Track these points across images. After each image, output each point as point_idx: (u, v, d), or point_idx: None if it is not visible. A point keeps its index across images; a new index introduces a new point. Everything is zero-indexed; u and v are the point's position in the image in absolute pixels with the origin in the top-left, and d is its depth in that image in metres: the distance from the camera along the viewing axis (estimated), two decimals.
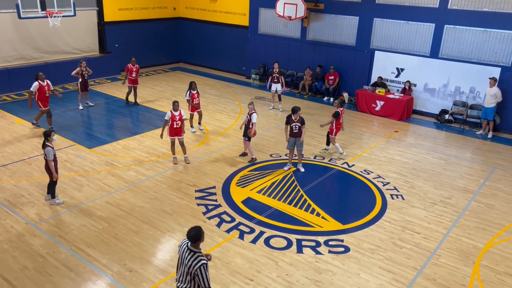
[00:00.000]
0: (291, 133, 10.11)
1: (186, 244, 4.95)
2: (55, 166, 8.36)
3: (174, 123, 10.22)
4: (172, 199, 8.95)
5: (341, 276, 6.83)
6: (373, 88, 15.54)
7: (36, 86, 11.87)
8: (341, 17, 16.60)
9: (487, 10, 13.58)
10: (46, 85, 12.07)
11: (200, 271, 4.74)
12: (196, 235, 4.84)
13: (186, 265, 4.87)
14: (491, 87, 13.14)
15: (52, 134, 8.33)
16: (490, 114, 13.31)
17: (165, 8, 21.34)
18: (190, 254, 4.86)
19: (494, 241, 7.98)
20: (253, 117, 10.49)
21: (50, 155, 8.13)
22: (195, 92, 12.27)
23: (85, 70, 14.16)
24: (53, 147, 8.28)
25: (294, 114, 10.02)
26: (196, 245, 4.89)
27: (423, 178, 10.41)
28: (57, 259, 6.98)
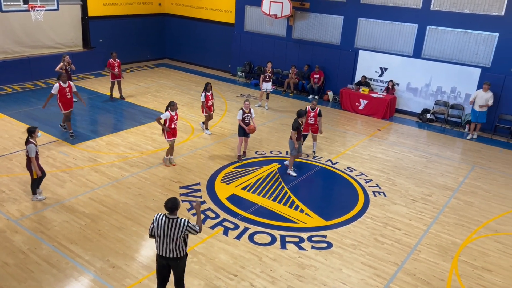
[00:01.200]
0: (299, 136, 10.04)
1: (163, 216, 5.45)
2: (37, 163, 8.26)
3: (172, 124, 9.95)
4: (156, 196, 8.93)
5: (324, 271, 6.93)
6: (357, 87, 15.72)
7: (57, 87, 11.16)
8: (326, 16, 16.73)
9: (468, 12, 13.86)
10: (68, 87, 11.37)
11: (189, 228, 5.41)
12: (173, 205, 5.38)
13: (170, 233, 5.39)
14: (485, 91, 13.12)
15: (37, 131, 8.23)
16: (482, 117, 13.35)
17: (151, 3, 21.19)
18: (171, 222, 5.40)
19: (473, 237, 8.19)
20: (253, 113, 10.58)
21: (32, 152, 8.02)
22: (209, 93, 11.90)
23: (68, 65, 13.95)
24: (36, 144, 8.16)
25: (300, 118, 9.93)
26: (174, 214, 5.43)
27: (405, 176, 10.59)
28: (38, 255, 6.91)
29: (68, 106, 11.45)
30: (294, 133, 9.82)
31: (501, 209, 9.31)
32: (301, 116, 9.93)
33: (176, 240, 5.43)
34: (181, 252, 5.54)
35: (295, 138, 9.83)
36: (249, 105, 10.52)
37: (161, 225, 5.43)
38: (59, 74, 11.45)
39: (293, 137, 9.82)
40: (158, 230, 5.45)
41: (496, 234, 8.33)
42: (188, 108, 14.60)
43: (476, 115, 13.43)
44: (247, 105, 10.49)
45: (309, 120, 11.07)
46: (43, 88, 16.20)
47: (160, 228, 5.43)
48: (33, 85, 16.46)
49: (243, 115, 10.48)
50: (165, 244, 5.46)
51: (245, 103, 10.54)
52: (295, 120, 9.89)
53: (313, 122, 11.12)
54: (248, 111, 10.49)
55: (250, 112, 10.53)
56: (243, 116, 10.48)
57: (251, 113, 10.56)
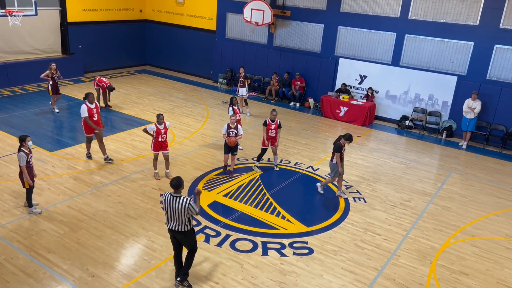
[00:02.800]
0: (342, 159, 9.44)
1: (169, 194, 6.15)
2: (30, 172, 8.03)
3: (159, 137, 9.62)
4: (137, 203, 8.84)
5: (305, 277, 6.96)
6: (337, 94, 15.91)
7: (85, 110, 10.12)
8: (307, 24, 16.93)
9: (445, 21, 14.23)
10: (95, 107, 10.34)
11: (190, 206, 6.05)
12: (177, 183, 6.06)
13: (175, 209, 6.07)
14: (473, 100, 13.36)
15: (28, 139, 7.97)
16: (472, 125, 13.54)
17: (131, 10, 21.07)
18: (176, 199, 6.07)
19: (450, 241, 8.35)
20: (240, 129, 10.09)
21: (22, 160, 7.79)
22: (236, 107, 11.56)
23: (55, 73, 13.65)
24: (28, 153, 7.94)
25: (348, 141, 9.40)
26: (179, 191, 6.11)
27: (384, 182, 10.75)
28: (15, 265, 6.75)
29: (92, 129, 10.36)
30: (338, 156, 9.29)
31: (477, 214, 9.53)
32: (349, 140, 9.39)
33: (180, 216, 6.08)
34: (186, 227, 6.17)
35: (339, 160, 9.31)
36: (235, 120, 10.06)
37: (167, 202, 6.11)
38: (87, 94, 10.28)
39: (337, 160, 9.31)
40: (165, 207, 6.17)
41: (472, 239, 8.51)
42: (169, 115, 14.52)
43: (467, 123, 13.61)
44: (232, 120, 10.01)
45: (270, 133, 10.43)
46: (20, 94, 15.90)
47: (167, 205, 6.13)
48: (10, 91, 16.14)
49: (227, 130, 10.01)
50: (170, 219, 6.17)
51: (231, 118, 10.07)
52: (338, 143, 9.33)
53: (274, 134, 10.50)
54: (234, 126, 10.01)
55: (236, 128, 10.04)
56: (228, 131, 10.00)
57: (237, 129, 10.05)
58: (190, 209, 6.05)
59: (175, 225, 6.16)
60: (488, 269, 7.59)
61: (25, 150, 7.89)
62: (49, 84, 13.71)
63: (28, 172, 7.96)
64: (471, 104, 13.40)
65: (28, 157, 7.96)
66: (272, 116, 10.44)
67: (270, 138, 10.55)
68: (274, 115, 10.44)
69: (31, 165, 8.09)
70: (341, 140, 9.42)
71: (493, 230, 8.90)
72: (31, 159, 8.09)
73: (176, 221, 6.14)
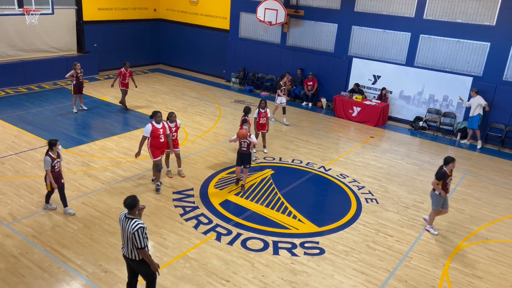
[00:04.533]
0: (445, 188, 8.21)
1: (124, 214, 5.50)
2: (56, 177, 7.94)
3: (171, 135, 9.48)
4: (149, 201, 8.92)
5: (316, 277, 6.96)
6: (350, 94, 15.84)
7: (149, 129, 8.89)
8: (320, 23, 16.88)
9: (460, 22, 14.06)
10: (162, 128, 9.04)
11: (136, 233, 5.29)
12: (132, 202, 5.40)
13: (126, 232, 5.40)
14: (474, 97, 13.49)
15: (58, 144, 7.86)
16: (475, 123, 13.56)
17: (146, 9, 21.24)
18: (128, 221, 5.39)
19: (463, 244, 8.26)
20: (253, 138, 9.46)
21: (46, 165, 7.73)
22: (263, 110, 11.36)
23: (80, 72, 13.72)
24: (54, 157, 7.82)
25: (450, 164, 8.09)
26: (133, 212, 5.44)
27: (397, 183, 10.67)
28: (30, 259, 6.87)
29: (159, 153, 9.16)
30: (439, 184, 8.17)
31: (492, 216, 9.40)
32: (450, 162, 8.08)
33: (128, 241, 5.42)
34: (136, 256, 5.47)
35: (441, 189, 8.13)
36: (247, 129, 9.34)
37: (121, 223, 5.52)
38: (154, 113, 9.07)
39: (437, 188, 8.15)
40: (121, 227, 5.56)
41: (486, 242, 8.41)
42: (181, 114, 14.61)
43: (472, 121, 13.66)
44: (246, 129, 9.35)
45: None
46: (36, 91, 16.16)
47: (121, 226, 5.53)
48: (26, 89, 16.41)
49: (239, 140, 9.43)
50: (124, 243, 5.53)
51: (243, 127, 9.43)
52: (442, 170, 8.11)
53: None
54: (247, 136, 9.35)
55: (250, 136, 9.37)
56: (239, 142, 9.40)
57: (249, 139, 9.37)
58: (135, 238, 5.28)
59: (126, 250, 5.50)
60: (502, 272, 7.49)
61: (52, 154, 7.78)
62: (72, 84, 13.75)
63: (53, 176, 7.89)
64: (476, 102, 13.43)
65: (54, 161, 7.83)
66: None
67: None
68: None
69: (56, 170, 7.94)
70: (446, 167, 8.09)
71: (508, 233, 8.78)
72: (57, 164, 7.93)
73: (126, 246, 5.48)
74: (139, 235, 5.29)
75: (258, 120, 11.40)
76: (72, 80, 13.70)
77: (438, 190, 8.18)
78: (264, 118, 11.41)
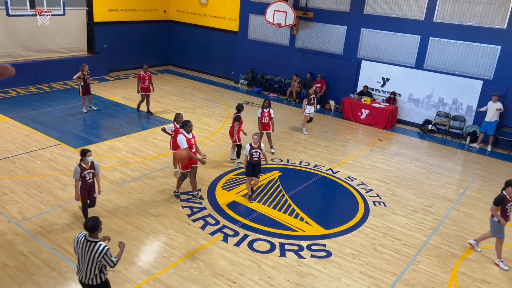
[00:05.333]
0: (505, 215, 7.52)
1: (83, 236, 5.12)
2: (86, 187, 7.65)
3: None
4: (157, 201, 8.97)
5: (323, 280, 6.94)
6: (359, 97, 15.79)
7: (184, 141, 8.45)
8: (329, 26, 16.85)
9: (471, 25, 13.96)
10: (193, 138, 8.76)
11: (106, 256, 5.01)
12: (93, 225, 5.05)
13: (87, 257, 5.04)
14: (494, 102, 13.23)
15: (88, 154, 7.53)
16: (491, 128, 13.41)
17: (156, 10, 21.37)
18: (90, 245, 5.03)
19: (472, 249, 8.18)
20: (262, 147, 9.13)
21: (75, 174, 7.50)
22: (267, 110, 11.46)
23: (87, 74, 13.78)
24: (86, 168, 7.56)
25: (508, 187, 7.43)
26: (94, 235, 5.09)
27: (405, 186, 10.61)
28: (39, 258, 6.94)
29: (189, 164, 8.74)
30: (497, 210, 7.52)
31: None
32: (510, 186, 7.39)
33: (90, 266, 5.06)
34: (96, 280, 5.15)
35: (500, 216, 7.46)
36: (258, 139, 9.02)
37: (79, 246, 5.10)
38: (184, 122, 8.76)
39: (495, 214, 7.51)
40: (76, 251, 5.16)
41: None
42: (190, 115, 14.67)
43: (485, 125, 13.49)
44: (255, 139, 8.96)
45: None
46: (47, 92, 16.33)
47: (78, 250, 5.11)
48: (37, 88, 16.59)
49: (250, 150, 8.99)
50: (81, 268, 5.15)
51: (253, 136, 9.01)
52: (501, 194, 7.52)
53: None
54: (257, 146, 8.99)
55: (260, 147, 9.05)
56: (251, 152, 9.00)
57: (260, 148, 9.07)
58: (105, 261, 5.02)
59: (83, 276, 5.14)
60: (511, 278, 7.41)
61: (83, 164, 7.56)
62: (80, 85, 13.83)
63: (83, 187, 7.63)
64: (492, 106, 13.24)
65: (84, 172, 7.56)
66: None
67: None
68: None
69: (87, 181, 7.64)
70: (505, 190, 7.47)
71: None
72: (87, 175, 7.63)
73: (84, 271, 5.10)
74: (108, 257, 5.03)
75: (261, 120, 11.58)
76: (80, 81, 13.80)
77: (496, 217, 7.50)
78: (267, 118, 11.54)
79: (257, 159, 9.05)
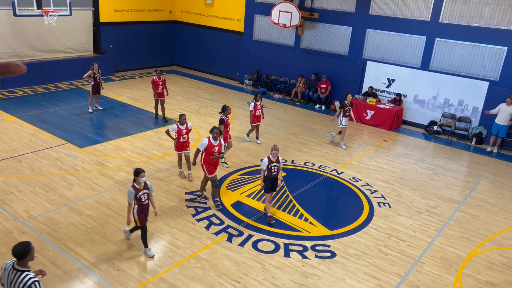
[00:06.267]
0: None
1: (11, 264, 4.47)
2: (144, 210, 6.99)
3: (181, 137, 9.62)
4: (162, 201, 9.00)
5: (327, 281, 6.94)
6: (364, 98, 15.76)
7: (205, 144, 8.50)
8: (334, 26, 16.84)
9: (477, 25, 13.90)
10: (218, 145, 8.63)
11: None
12: (22, 251, 4.37)
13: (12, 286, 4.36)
14: (508, 105, 12.94)
15: (142, 175, 6.87)
16: (503, 132, 13.14)
17: (161, 11, 21.44)
18: (16, 274, 4.36)
19: (477, 250, 8.15)
20: (281, 162, 8.45)
21: (128, 197, 6.87)
22: (258, 103, 12.02)
23: (97, 73, 13.82)
24: (140, 188, 6.90)
25: None
26: (23, 263, 4.41)
27: (410, 187, 10.58)
28: (45, 256, 6.99)
29: (213, 169, 8.67)
30: None
31: (507, 223, 9.27)
32: None
33: None
34: None
35: None
36: (277, 153, 8.32)
37: (5, 274, 4.44)
38: (212, 129, 8.60)
39: None
40: (2, 281, 4.48)
41: (501, 249, 8.29)
42: (195, 115, 14.71)
43: (498, 128, 13.23)
44: (275, 153, 8.22)
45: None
46: (53, 91, 16.43)
47: (4, 279, 4.44)
48: (43, 88, 16.69)
49: (269, 164, 8.24)
50: None
51: (272, 151, 8.23)
52: None
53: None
54: (275, 159, 8.28)
55: (278, 161, 8.37)
56: (269, 166, 8.24)
57: (279, 162, 8.39)
58: None
59: None
60: None
61: (136, 185, 6.88)
62: (90, 85, 13.87)
63: (140, 210, 6.96)
64: (508, 111, 12.97)
65: (139, 193, 6.88)
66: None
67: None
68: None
69: (143, 203, 6.95)
70: None
71: None
72: (143, 196, 6.93)
73: None
74: None
75: (254, 113, 12.07)
76: (90, 80, 13.86)
77: None
78: (260, 110, 12.17)
79: (275, 174, 8.34)
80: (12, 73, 1.63)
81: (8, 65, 1.63)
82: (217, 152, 8.66)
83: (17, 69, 1.65)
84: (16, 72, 1.64)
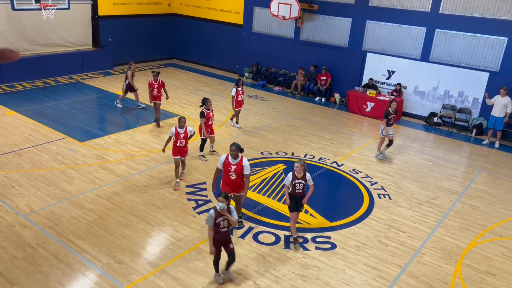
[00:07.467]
0: None
1: None
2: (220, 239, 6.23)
3: (178, 141, 9.03)
4: (163, 194, 9.03)
5: (327, 272, 6.98)
6: (364, 90, 15.73)
7: (222, 162, 7.58)
8: (334, 18, 16.77)
9: (477, 16, 13.83)
10: (237, 165, 7.50)
11: None
12: None
13: None
14: (502, 96, 12.84)
15: (221, 199, 6.03)
16: (499, 124, 13.03)
17: (160, 4, 21.34)
18: None
19: (477, 241, 8.19)
20: (310, 180, 7.41)
21: (208, 220, 6.11)
22: (240, 89, 12.54)
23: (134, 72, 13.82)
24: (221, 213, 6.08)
25: None
26: None
27: (410, 179, 10.60)
28: (46, 250, 7.03)
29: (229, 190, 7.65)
30: None
31: (507, 214, 9.30)
32: None
33: None
34: None
35: None
36: (302, 169, 7.21)
37: None
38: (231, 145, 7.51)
39: None
40: None
41: (500, 239, 8.32)
42: (195, 108, 14.69)
43: (493, 121, 13.16)
44: (298, 168, 7.18)
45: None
46: (52, 86, 16.41)
47: None
48: (43, 82, 16.67)
49: (293, 181, 7.28)
50: None
51: (296, 165, 7.21)
52: None
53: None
54: (301, 176, 7.27)
55: (304, 177, 7.31)
56: (293, 183, 7.29)
57: (305, 179, 7.33)
58: None
59: None
60: None
61: (219, 210, 6.08)
62: (125, 84, 13.86)
63: (216, 239, 6.20)
64: (502, 102, 12.97)
65: (219, 218, 6.08)
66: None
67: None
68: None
69: (222, 230, 6.13)
70: None
71: None
72: (223, 222, 6.11)
73: None
74: None
75: (236, 98, 12.51)
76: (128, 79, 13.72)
77: None
78: (241, 96, 12.67)
79: (300, 191, 7.35)
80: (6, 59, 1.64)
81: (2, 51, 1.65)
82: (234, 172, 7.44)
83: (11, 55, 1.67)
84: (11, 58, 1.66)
